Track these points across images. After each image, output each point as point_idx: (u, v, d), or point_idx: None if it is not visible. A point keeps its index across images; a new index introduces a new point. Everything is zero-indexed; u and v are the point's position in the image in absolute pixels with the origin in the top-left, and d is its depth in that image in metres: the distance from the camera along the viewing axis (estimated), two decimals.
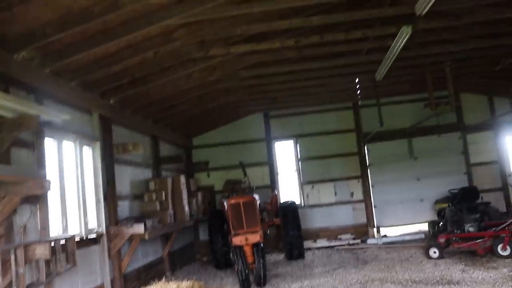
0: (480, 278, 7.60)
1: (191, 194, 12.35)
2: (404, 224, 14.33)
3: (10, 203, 5.53)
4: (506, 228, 9.36)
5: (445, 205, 12.37)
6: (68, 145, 7.72)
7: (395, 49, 8.61)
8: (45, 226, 6.43)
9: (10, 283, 5.37)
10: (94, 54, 7.01)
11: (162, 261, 11.21)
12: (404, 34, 7.77)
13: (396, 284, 7.79)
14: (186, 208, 11.34)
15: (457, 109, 13.54)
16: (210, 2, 6.23)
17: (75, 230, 7.57)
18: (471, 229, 9.66)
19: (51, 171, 6.84)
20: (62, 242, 6.41)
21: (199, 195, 13.15)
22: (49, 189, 5.88)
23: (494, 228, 9.59)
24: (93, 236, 8.02)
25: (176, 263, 11.95)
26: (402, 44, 8.26)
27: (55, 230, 6.88)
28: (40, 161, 6.48)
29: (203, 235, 14.06)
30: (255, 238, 9.04)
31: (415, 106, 14.13)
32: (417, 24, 7.73)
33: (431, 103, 11.46)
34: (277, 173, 14.91)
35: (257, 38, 8.49)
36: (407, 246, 11.82)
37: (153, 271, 10.41)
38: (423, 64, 11.05)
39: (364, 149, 14.64)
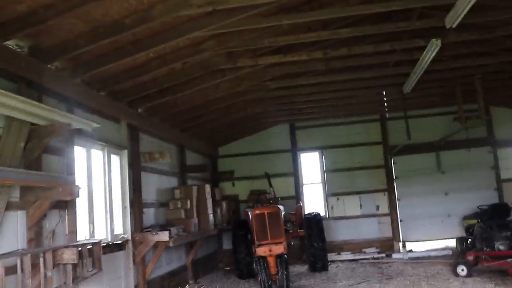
0: None
1: (216, 203, 12.42)
2: (430, 240, 14.05)
3: (40, 207, 5.70)
4: None
5: (474, 221, 12.01)
6: (97, 153, 7.90)
7: (424, 62, 8.52)
8: (73, 231, 6.59)
9: (39, 285, 5.50)
10: (124, 65, 7.18)
11: (186, 268, 11.28)
12: (434, 47, 7.68)
13: None
14: (211, 217, 11.41)
15: (488, 123, 13.25)
16: (239, 14, 6.30)
17: (102, 235, 7.70)
18: (501, 247, 9.37)
19: (79, 178, 7.01)
20: (89, 247, 6.54)
21: (224, 204, 13.22)
22: (78, 196, 6.02)
23: None
24: (118, 242, 8.15)
25: (199, 271, 12.01)
26: (432, 57, 8.16)
27: (82, 235, 7.03)
28: (69, 168, 6.65)
29: (227, 244, 14.11)
30: (279, 249, 9.01)
31: (443, 119, 13.93)
32: (447, 37, 7.65)
33: (461, 116, 11.25)
34: (302, 184, 14.86)
35: (285, 49, 8.55)
36: (434, 262, 11.57)
37: (176, 278, 10.49)
38: (453, 77, 10.89)
39: (391, 162, 14.46)
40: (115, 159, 8.45)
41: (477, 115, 11.32)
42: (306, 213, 12.85)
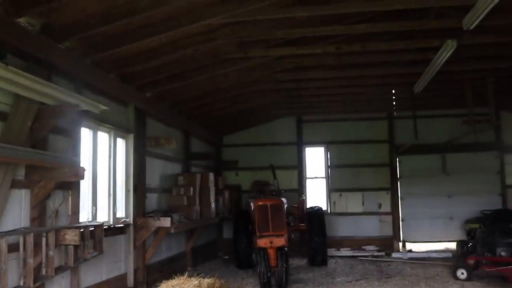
0: None
1: (218, 192, 12.38)
2: (430, 241, 14.01)
3: (45, 187, 5.68)
4: None
5: (476, 225, 11.99)
6: (103, 135, 7.87)
7: (437, 63, 8.42)
8: (75, 212, 6.57)
9: (40, 264, 5.51)
10: (135, 48, 7.10)
11: (185, 255, 11.30)
12: (449, 48, 7.57)
13: None
14: (213, 205, 11.39)
15: (496, 127, 13.13)
16: (254, 3, 6.22)
17: (104, 218, 7.71)
18: (503, 253, 9.29)
19: (84, 159, 6.98)
20: (91, 229, 6.53)
21: (226, 193, 13.19)
22: (83, 177, 6.00)
23: None
24: (120, 225, 8.15)
25: (197, 259, 12.03)
26: (446, 58, 8.06)
27: (84, 217, 7.03)
28: (75, 149, 6.61)
29: (226, 234, 14.15)
30: (280, 241, 8.98)
31: (451, 121, 13.81)
32: (463, 39, 7.54)
33: (471, 119, 11.14)
34: (306, 178, 14.82)
35: (298, 42, 8.45)
36: (433, 264, 11.53)
37: (175, 264, 10.51)
38: (465, 79, 10.76)
39: (396, 161, 14.38)
40: (120, 142, 8.43)
41: (487, 119, 11.20)
42: (308, 207, 12.82)
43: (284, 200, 10.54)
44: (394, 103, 13.21)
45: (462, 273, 9.46)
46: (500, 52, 9.19)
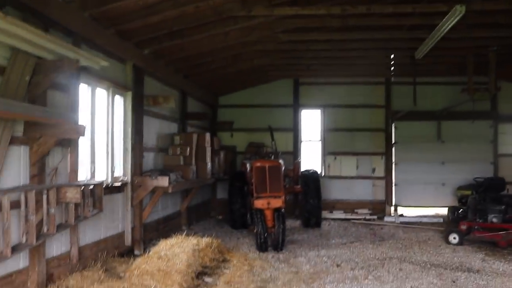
0: (500, 269, 7.51)
1: (214, 152, 12.33)
2: (422, 206, 14.25)
3: (44, 144, 5.56)
4: None
5: (468, 192, 12.17)
6: (101, 93, 7.70)
7: (443, 29, 8.25)
8: (74, 170, 6.50)
9: (41, 221, 5.47)
10: (135, 3, 6.83)
11: (180, 215, 11.36)
12: (457, 14, 7.39)
13: (414, 265, 7.76)
14: (209, 165, 11.35)
15: (493, 96, 13.09)
16: None
17: (102, 176, 7.64)
18: (494, 220, 9.51)
19: (83, 117, 6.85)
20: (91, 187, 6.48)
21: (222, 154, 13.15)
22: (84, 134, 5.89)
23: None
24: (118, 184, 8.10)
25: (192, 218, 12.11)
26: (452, 24, 7.89)
27: (83, 175, 6.96)
28: (74, 106, 6.47)
29: (220, 194, 14.22)
30: (277, 203, 9.02)
31: (449, 89, 13.79)
32: (473, 4, 7.37)
33: (470, 87, 11.07)
34: (301, 141, 14.81)
35: (302, 2, 8.22)
36: (424, 228, 11.73)
37: (170, 223, 10.58)
38: (468, 47, 10.62)
39: (392, 127, 14.38)
40: (118, 100, 8.27)
41: (485, 87, 11.15)
42: (303, 169, 12.86)
43: (281, 162, 10.54)
44: (392, 68, 13.07)
45: (454, 238, 9.65)
46: (508, 20, 9.01)
